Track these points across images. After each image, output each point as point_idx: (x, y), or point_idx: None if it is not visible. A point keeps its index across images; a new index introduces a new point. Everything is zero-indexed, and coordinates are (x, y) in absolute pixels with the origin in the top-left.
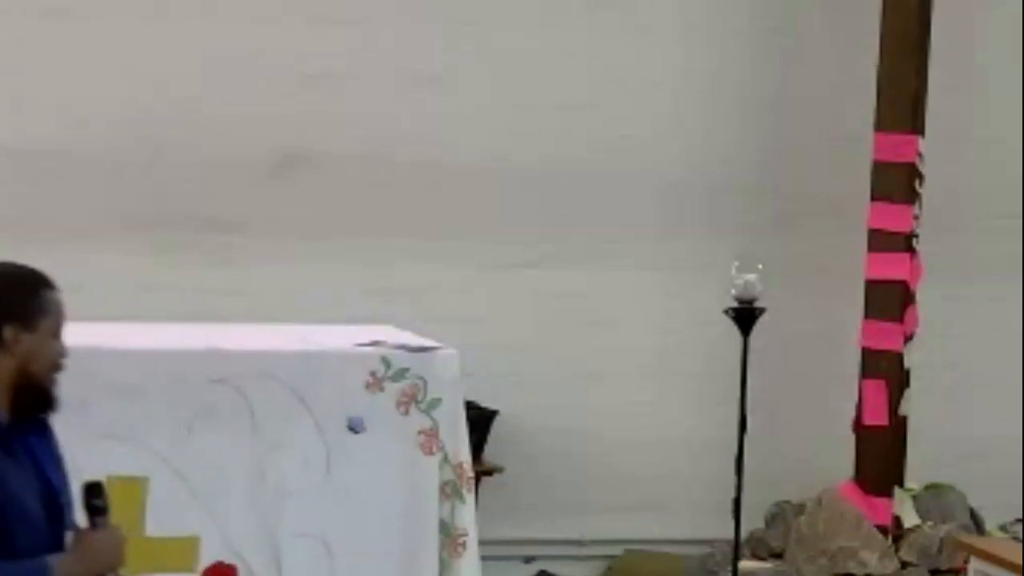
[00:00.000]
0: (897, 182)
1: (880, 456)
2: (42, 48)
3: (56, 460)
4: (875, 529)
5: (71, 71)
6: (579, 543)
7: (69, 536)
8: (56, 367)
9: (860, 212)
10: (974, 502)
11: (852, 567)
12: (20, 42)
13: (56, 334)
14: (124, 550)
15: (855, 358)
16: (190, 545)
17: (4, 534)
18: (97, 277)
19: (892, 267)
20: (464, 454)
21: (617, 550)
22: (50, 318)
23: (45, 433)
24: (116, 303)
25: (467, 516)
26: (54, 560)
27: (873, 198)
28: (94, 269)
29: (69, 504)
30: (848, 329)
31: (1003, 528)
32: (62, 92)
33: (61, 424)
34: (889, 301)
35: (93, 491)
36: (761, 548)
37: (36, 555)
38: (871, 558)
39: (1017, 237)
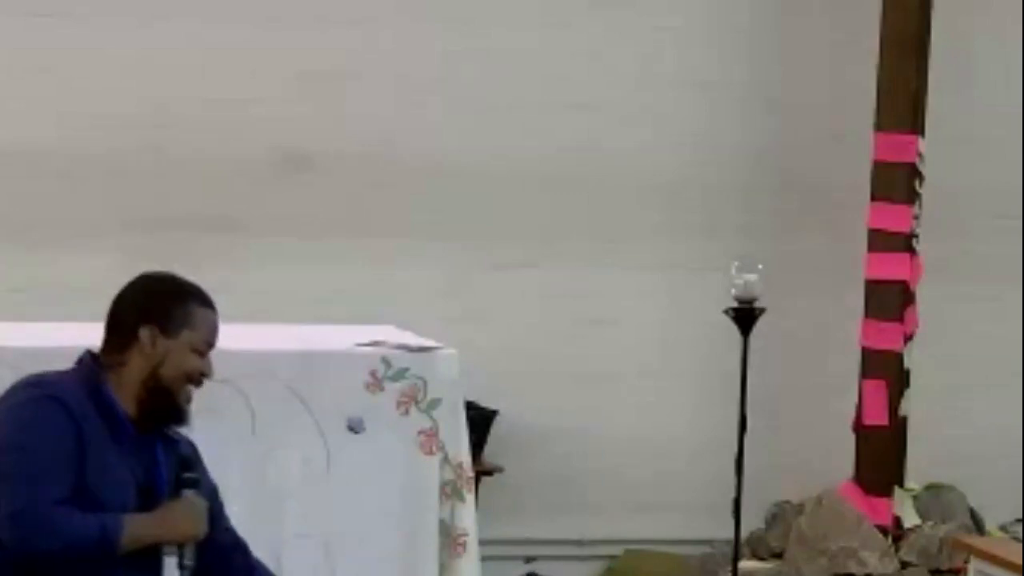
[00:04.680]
0: (897, 182)
1: (880, 456)
2: (42, 48)
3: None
4: (875, 529)
5: (71, 71)
6: (579, 543)
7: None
8: (190, 380)
9: (860, 212)
10: (974, 502)
11: (852, 567)
12: (20, 42)
13: (198, 350)
14: (203, 520)
15: (855, 358)
16: None
17: (93, 496)
18: (97, 277)
19: (892, 267)
20: (464, 454)
21: (617, 550)
22: (194, 332)
23: (175, 447)
24: None
25: (467, 516)
26: (129, 517)
27: (873, 198)
28: (94, 269)
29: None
30: (848, 329)
31: (1003, 528)
32: (62, 92)
33: None
34: (889, 301)
35: (185, 464)
36: (761, 548)
37: None
38: (871, 558)
39: (1017, 237)
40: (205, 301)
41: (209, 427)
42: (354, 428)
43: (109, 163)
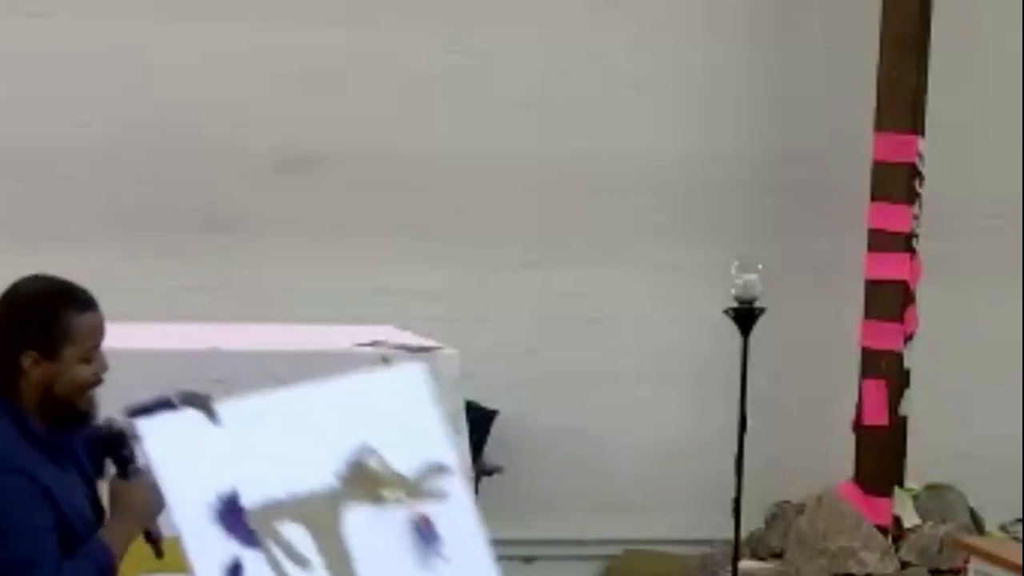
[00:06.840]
0: (897, 182)
1: (880, 456)
2: (41, 48)
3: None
4: (875, 529)
5: (70, 71)
6: (579, 543)
7: None
8: (84, 388)
9: (860, 212)
10: (974, 502)
11: (852, 567)
12: (20, 42)
13: (85, 358)
14: (159, 492)
15: (855, 358)
16: None
17: (73, 537)
18: (96, 277)
19: (892, 267)
20: (464, 454)
21: (617, 550)
22: (76, 346)
23: (92, 431)
24: (115, 303)
25: None
26: (102, 534)
27: (873, 198)
28: (93, 269)
29: None
30: (848, 329)
31: (1003, 528)
32: (62, 92)
33: None
34: (889, 301)
35: (117, 441)
36: (761, 548)
37: None
38: (871, 558)
39: (1017, 237)
40: (82, 304)
41: None
42: None
43: (109, 163)
